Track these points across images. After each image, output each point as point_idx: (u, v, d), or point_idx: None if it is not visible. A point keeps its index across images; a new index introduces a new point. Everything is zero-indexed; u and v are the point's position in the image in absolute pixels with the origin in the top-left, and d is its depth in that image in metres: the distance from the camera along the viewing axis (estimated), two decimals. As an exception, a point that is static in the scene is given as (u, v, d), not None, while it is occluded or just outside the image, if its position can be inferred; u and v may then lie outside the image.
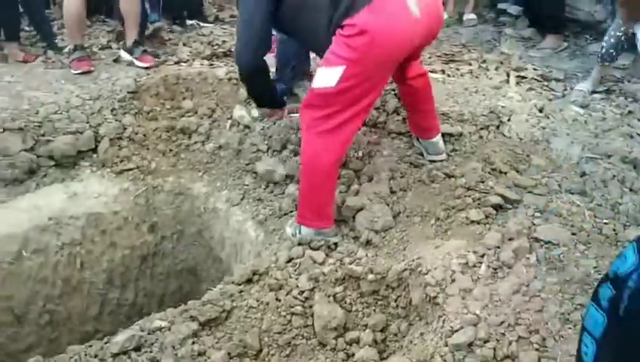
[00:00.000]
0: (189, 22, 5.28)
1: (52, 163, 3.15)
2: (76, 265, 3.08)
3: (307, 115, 2.35)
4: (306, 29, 2.45)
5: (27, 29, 5.00)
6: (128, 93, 3.53)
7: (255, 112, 3.38)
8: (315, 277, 2.28)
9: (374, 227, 2.50)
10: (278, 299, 2.23)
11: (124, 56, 4.06)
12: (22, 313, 2.97)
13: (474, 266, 2.09)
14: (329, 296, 2.23)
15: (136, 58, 3.94)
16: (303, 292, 2.24)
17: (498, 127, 3.10)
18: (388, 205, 2.60)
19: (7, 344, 2.97)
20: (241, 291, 2.30)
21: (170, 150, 3.40)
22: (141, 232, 3.26)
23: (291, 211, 2.80)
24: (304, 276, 2.29)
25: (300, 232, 2.54)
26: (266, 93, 2.86)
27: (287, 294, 2.24)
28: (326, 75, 2.23)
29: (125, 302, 3.35)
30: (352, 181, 2.81)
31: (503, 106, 3.26)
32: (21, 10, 4.70)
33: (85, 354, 2.03)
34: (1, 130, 3.08)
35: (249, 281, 2.35)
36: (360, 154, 2.94)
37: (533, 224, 2.28)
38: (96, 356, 2.02)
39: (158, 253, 3.38)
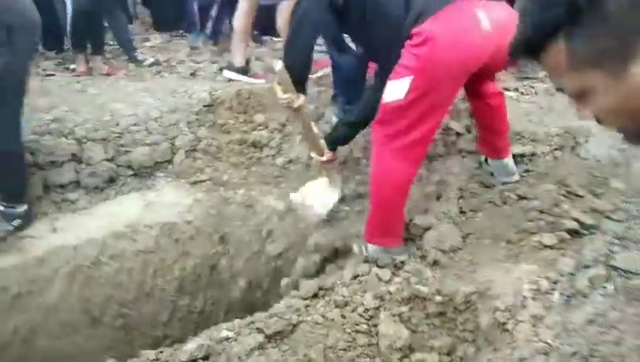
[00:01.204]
0: (262, 37, 5.42)
1: (130, 172, 3.31)
2: (150, 272, 3.19)
3: (379, 131, 2.34)
4: (377, 41, 2.45)
5: (110, 42, 5.27)
6: (204, 106, 3.66)
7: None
8: (380, 295, 2.27)
9: (442, 247, 2.47)
10: (343, 316, 2.24)
11: (231, 75, 4.12)
12: (98, 315, 3.11)
13: (546, 293, 2.02)
14: (395, 316, 2.22)
15: (250, 76, 4.09)
16: (368, 310, 2.24)
17: (574, 147, 3.00)
18: (457, 225, 2.56)
19: (83, 344, 3.11)
20: (306, 306, 2.32)
21: (242, 163, 3.49)
22: (212, 242, 3.35)
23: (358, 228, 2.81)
24: (370, 294, 2.29)
25: (366, 249, 2.54)
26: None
27: (352, 311, 2.25)
28: (395, 88, 2.21)
29: (194, 310, 3.44)
30: (419, 199, 2.79)
31: (579, 126, 3.15)
32: (106, 25, 4.97)
33: (156, 360, 2.10)
34: (85, 140, 3.26)
35: (315, 296, 2.37)
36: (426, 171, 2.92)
37: (611, 251, 2.18)
38: (166, 362, 2.09)
39: (227, 263, 3.45)
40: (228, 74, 4.14)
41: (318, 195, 2.82)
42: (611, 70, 0.85)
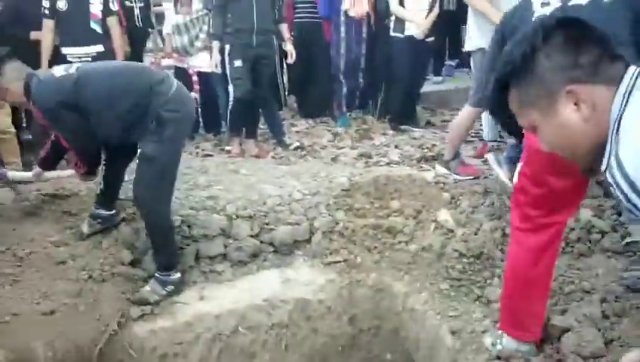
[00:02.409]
0: (402, 126, 5.61)
1: (272, 249, 3.54)
2: (281, 346, 3.33)
3: (512, 211, 2.40)
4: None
5: (261, 126, 5.74)
6: (342, 190, 3.85)
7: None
8: (512, 396, 2.19)
9: (582, 352, 2.33)
10: (472, 413, 2.18)
11: (441, 170, 4.00)
12: (230, 383, 3.27)
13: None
14: (527, 419, 2.12)
15: (456, 173, 3.89)
16: (499, 409, 2.17)
17: None
18: (599, 330, 2.42)
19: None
20: (434, 398, 2.30)
21: (375, 247, 3.58)
22: (341, 322, 3.43)
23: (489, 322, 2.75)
24: (501, 393, 2.22)
25: (500, 343, 2.47)
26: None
27: (481, 409, 2.19)
28: (516, 172, 2.33)
29: (320, 388, 3.49)
30: (559, 298, 2.69)
31: None
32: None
33: None
34: (235, 216, 3.56)
35: (443, 389, 2.34)
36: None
37: None
38: None
39: (355, 344, 3.50)
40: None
41: None
42: (543, 110, 1.19)
